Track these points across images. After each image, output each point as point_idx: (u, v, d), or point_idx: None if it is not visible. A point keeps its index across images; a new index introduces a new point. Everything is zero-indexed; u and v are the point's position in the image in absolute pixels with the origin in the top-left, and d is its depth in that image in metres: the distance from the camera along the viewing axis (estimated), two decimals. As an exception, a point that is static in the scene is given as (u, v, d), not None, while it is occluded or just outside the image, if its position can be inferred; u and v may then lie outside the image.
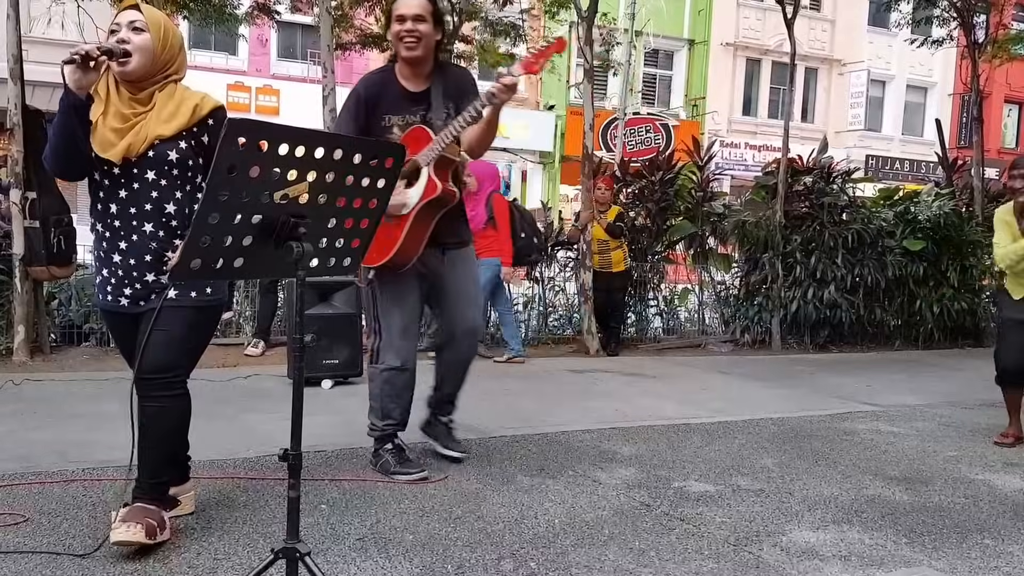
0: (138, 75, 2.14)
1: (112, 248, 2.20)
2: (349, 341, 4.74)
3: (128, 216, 2.17)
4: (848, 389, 5.33)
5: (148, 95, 2.17)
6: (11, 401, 3.93)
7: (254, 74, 16.11)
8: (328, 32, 5.99)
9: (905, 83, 22.41)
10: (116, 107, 2.15)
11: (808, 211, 7.36)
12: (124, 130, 2.13)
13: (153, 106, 2.17)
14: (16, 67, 4.89)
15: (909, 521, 2.76)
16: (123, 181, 2.17)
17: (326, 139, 1.78)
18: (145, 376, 2.18)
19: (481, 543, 2.39)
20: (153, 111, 2.16)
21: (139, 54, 2.12)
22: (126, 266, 2.19)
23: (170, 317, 2.20)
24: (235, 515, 2.51)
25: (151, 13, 2.20)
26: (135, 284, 2.21)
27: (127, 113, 2.14)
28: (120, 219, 2.18)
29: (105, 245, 2.21)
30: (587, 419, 4.09)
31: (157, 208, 2.19)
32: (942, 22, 9.53)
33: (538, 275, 7.04)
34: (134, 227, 2.18)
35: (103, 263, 2.23)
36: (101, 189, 2.20)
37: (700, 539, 2.50)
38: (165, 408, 2.22)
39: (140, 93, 2.17)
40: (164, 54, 2.18)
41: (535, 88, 18.25)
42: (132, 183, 2.17)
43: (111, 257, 2.21)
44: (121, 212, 2.17)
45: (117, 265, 2.20)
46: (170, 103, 2.19)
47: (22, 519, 2.37)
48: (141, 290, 2.21)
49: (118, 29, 2.16)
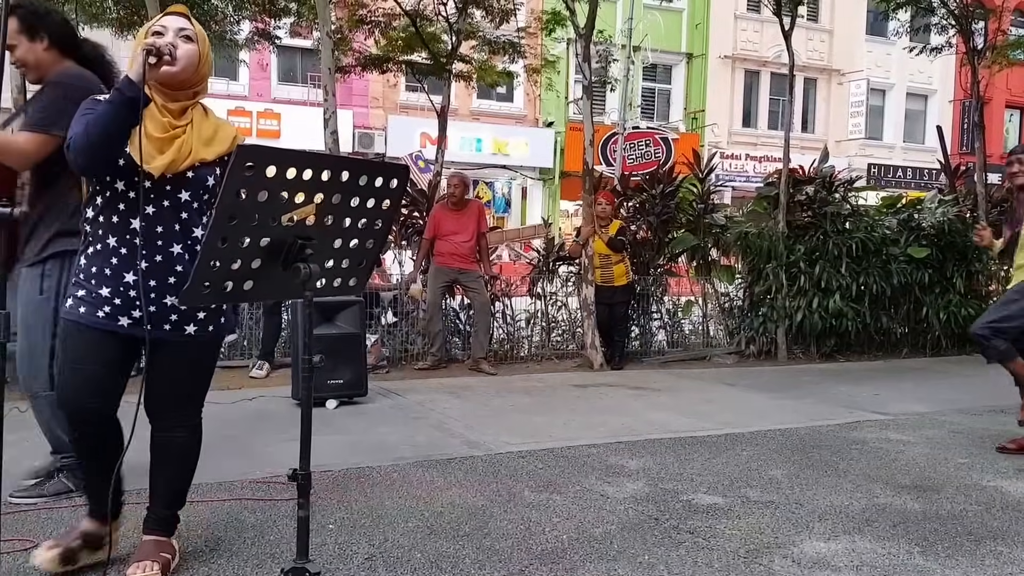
0: (178, 84, 2.04)
1: (126, 266, 2.03)
2: (353, 361, 4.74)
3: (154, 234, 2.04)
4: (856, 398, 5.30)
5: (181, 108, 2.07)
6: (17, 427, 3.92)
7: (255, 99, 16.27)
8: (329, 56, 6.05)
9: (905, 91, 22.48)
10: (153, 115, 2.03)
11: (811, 221, 7.36)
12: (165, 141, 2.02)
13: (190, 122, 2.07)
14: (20, 97, 4.95)
15: (921, 530, 2.74)
16: (153, 196, 2.03)
17: (332, 162, 1.79)
18: (181, 412, 2.20)
19: (489, 560, 2.38)
20: (192, 128, 2.07)
21: (185, 62, 2.02)
22: (142, 286, 2.03)
23: (200, 352, 2.20)
24: (243, 536, 2.50)
25: (198, 25, 2.13)
26: (149, 306, 2.04)
27: (164, 123, 2.03)
28: (143, 236, 2.02)
29: (115, 262, 2.03)
30: (593, 433, 4.08)
31: (186, 230, 2.08)
32: (940, 29, 9.57)
33: (540, 291, 7.05)
34: (159, 247, 2.04)
35: (105, 280, 2.04)
36: (122, 201, 2.03)
37: (710, 552, 2.49)
38: (187, 440, 2.24)
39: (173, 104, 2.06)
40: (203, 68, 2.10)
41: (534, 105, 18.36)
42: (163, 200, 2.05)
43: (121, 275, 2.03)
44: (146, 229, 2.03)
45: (128, 285, 2.03)
46: (206, 124, 2.11)
47: (31, 544, 2.37)
48: (154, 313, 2.06)
49: (164, 32, 2.06)
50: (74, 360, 2.06)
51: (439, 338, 6.15)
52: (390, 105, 17.37)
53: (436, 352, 6.13)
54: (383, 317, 6.46)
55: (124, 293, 2.04)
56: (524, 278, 7.26)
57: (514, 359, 6.68)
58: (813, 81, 21.48)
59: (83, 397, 2.06)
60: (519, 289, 7.14)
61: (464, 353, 6.49)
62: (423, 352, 6.23)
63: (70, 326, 2.07)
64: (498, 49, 8.88)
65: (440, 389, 5.29)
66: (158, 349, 2.11)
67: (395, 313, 6.46)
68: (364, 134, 16.94)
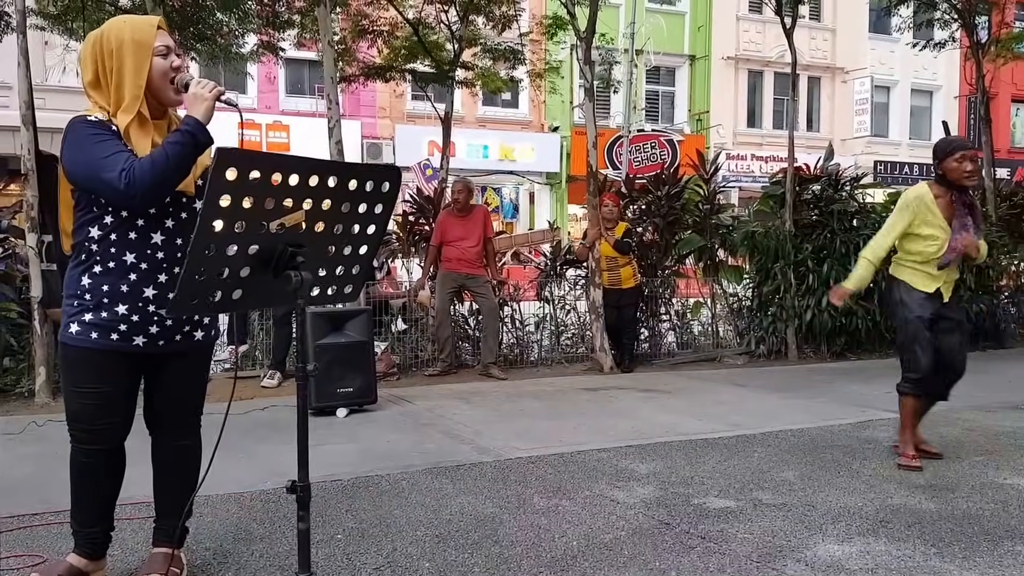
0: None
1: (147, 281, 2.00)
2: (363, 369, 4.74)
3: (173, 247, 2.03)
4: (868, 397, 5.25)
5: (168, 120, 2.07)
6: (34, 442, 3.96)
7: (264, 111, 16.38)
8: (331, 65, 6.07)
9: (910, 87, 22.37)
10: (155, 135, 2.02)
11: (818, 219, 7.32)
12: None
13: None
14: (28, 113, 4.99)
15: (937, 530, 2.70)
16: (171, 210, 2.03)
17: (320, 166, 1.74)
18: (187, 420, 2.20)
19: (499, 569, 2.36)
20: None
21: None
22: (162, 301, 2.00)
23: (206, 358, 2.22)
24: (252, 548, 2.50)
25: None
26: (164, 321, 2.04)
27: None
28: (164, 250, 2.02)
29: (135, 278, 1.99)
30: (603, 437, 4.05)
31: None
32: (943, 24, 9.52)
33: (548, 294, 7.04)
34: (179, 259, 2.01)
35: (122, 299, 1.99)
36: (141, 217, 2.00)
37: (722, 557, 2.46)
38: (194, 448, 2.25)
39: (163, 118, 2.06)
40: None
41: (539, 111, 18.38)
42: (180, 212, 2.05)
43: (141, 291, 2.00)
44: (166, 243, 2.02)
45: (148, 300, 2.00)
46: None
47: (40, 559, 2.37)
48: (171, 327, 2.05)
49: (168, 52, 2.01)
50: (88, 384, 2.02)
51: (448, 344, 6.15)
52: (397, 115, 17.43)
53: (446, 358, 6.13)
54: (393, 324, 6.47)
55: (143, 309, 2.01)
56: (532, 282, 7.26)
57: (524, 363, 6.67)
58: (817, 80, 21.41)
59: (101, 419, 2.03)
60: (527, 293, 7.13)
61: (474, 358, 6.49)
62: (433, 358, 6.23)
63: (80, 353, 2.01)
64: (499, 56, 8.89)
65: (450, 395, 5.29)
66: (167, 361, 2.11)
67: (404, 320, 6.47)
68: (372, 144, 17.03)
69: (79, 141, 1.93)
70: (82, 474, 2.09)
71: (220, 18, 8.01)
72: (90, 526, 2.13)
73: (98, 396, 2.02)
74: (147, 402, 2.20)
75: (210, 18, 7.88)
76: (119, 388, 2.04)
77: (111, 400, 2.03)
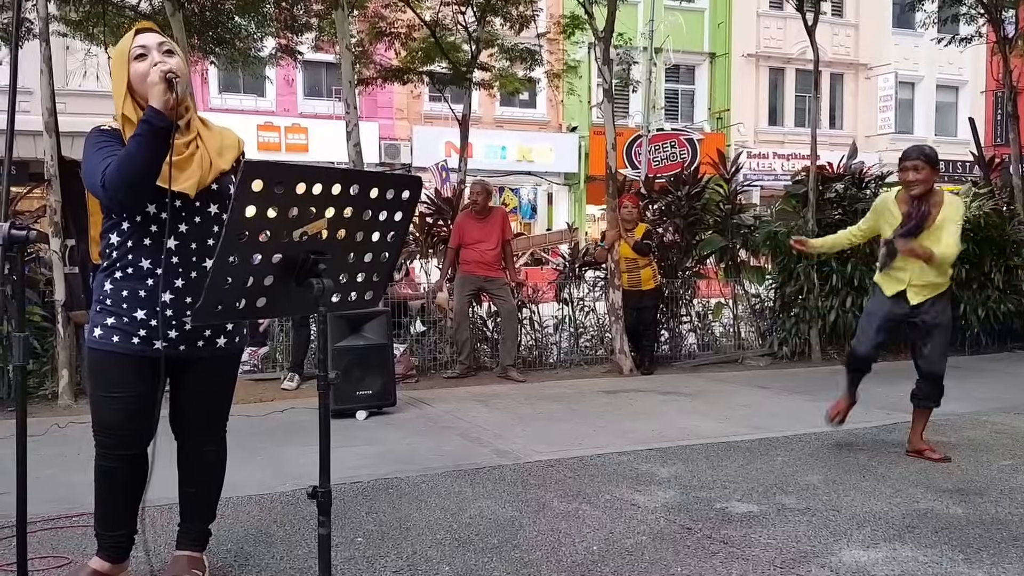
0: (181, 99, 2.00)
1: (164, 286, 2.01)
2: (382, 371, 4.76)
3: (189, 251, 2.04)
4: (893, 399, 5.15)
5: (186, 123, 2.04)
6: (56, 444, 4.01)
7: (283, 114, 16.52)
8: (349, 70, 6.10)
9: (935, 83, 22.02)
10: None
11: (842, 218, 7.19)
12: (184, 160, 2.00)
13: (196, 135, 2.06)
14: (51, 120, 5.06)
15: (965, 536, 2.64)
16: (184, 215, 2.03)
17: (343, 175, 1.77)
18: (211, 427, 2.22)
19: (518, 573, 2.35)
20: (202, 141, 2.06)
21: (182, 76, 1.97)
22: (180, 305, 2.02)
23: (231, 365, 2.23)
24: (272, 551, 2.51)
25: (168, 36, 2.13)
26: (184, 326, 2.05)
27: (179, 143, 1.99)
28: (179, 255, 2.03)
29: (151, 283, 2.02)
30: (623, 440, 4.03)
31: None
32: (969, 19, 9.35)
33: (568, 296, 7.01)
34: (194, 263, 2.04)
35: (141, 303, 2.02)
36: (155, 223, 2.01)
37: (745, 562, 2.43)
38: (217, 454, 2.27)
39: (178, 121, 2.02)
40: (188, 76, 2.10)
41: (557, 111, 18.35)
42: (194, 217, 2.05)
43: (157, 296, 2.01)
44: (181, 247, 2.03)
45: (166, 304, 2.02)
46: (211, 134, 2.11)
47: (65, 561, 2.40)
48: (191, 333, 2.07)
49: (147, 53, 2.01)
50: (113, 389, 2.04)
51: (467, 346, 6.15)
52: (415, 116, 17.49)
53: (464, 360, 6.12)
54: (411, 327, 6.48)
55: (162, 313, 2.03)
56: (551, 284, 7.23)
57: (543, 366, 6.65)
58: (840, 76, 21.14)
59: (127, 424, 2.05)
60: (546, 295, 7.11)
61: (493, 361, 6.48)
62: (452, 361, 6.23)
63: (104, 356, 2.04)
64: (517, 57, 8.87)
65: (469, 398, 5.28)
66: (190, 367, 2.13)
67: (423, 322, 6.48)
68: (390, 145, 17.09)
69: (86, 151, 2.02)
70: (106, 479, 2.11)
71: (239, 22, 8.08)
72: (114, 530, 2.15)
73: (123, 401, 2.04)
74: (172, 407, 2.22)
75: (229, 22, 7.96)
76: (142, 393, 2.06)
77: (135, 405, 2.05)
